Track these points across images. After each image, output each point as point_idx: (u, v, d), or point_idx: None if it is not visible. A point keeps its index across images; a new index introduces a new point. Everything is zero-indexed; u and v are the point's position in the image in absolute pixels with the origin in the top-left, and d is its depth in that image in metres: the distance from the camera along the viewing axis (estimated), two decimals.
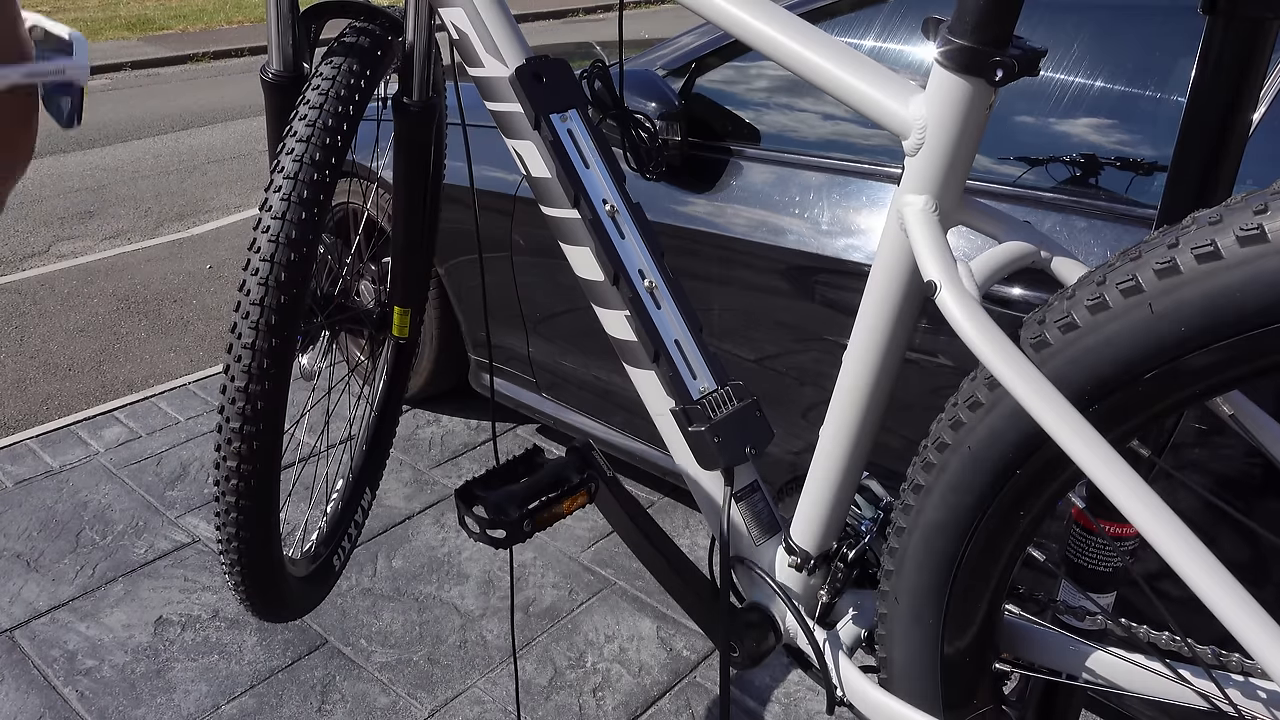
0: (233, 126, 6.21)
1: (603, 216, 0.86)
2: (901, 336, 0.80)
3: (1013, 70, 0.66)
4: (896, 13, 1.54)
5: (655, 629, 1.77)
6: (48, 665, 1.70)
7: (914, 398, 1.36)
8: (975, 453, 0.71)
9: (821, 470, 0.89)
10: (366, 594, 1.87)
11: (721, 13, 0.79)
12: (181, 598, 1.86)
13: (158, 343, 3.12)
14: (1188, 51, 1.28)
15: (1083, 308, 0.63)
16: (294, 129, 0.95)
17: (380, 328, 1.35)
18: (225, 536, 1.04)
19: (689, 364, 0.89)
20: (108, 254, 3.95)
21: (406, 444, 2.38)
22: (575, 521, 2.07)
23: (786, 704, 1.61)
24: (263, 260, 0.92)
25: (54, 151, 5.62)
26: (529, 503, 0.87)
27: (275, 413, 0.97)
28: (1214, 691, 0.74)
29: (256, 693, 1.64)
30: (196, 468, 2.29)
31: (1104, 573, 0.88)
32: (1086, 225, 1.29)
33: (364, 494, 1.37)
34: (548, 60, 0.88)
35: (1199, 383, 0.61)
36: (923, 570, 0.78)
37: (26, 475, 2.28)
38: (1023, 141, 1.40)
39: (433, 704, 1.61)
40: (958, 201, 0.74)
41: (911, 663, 0.84)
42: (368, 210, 2.13)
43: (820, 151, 1.59)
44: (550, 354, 2.08)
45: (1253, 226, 0.55)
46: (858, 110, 0.74)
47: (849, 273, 1.47)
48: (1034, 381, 0.63)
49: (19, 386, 2.84)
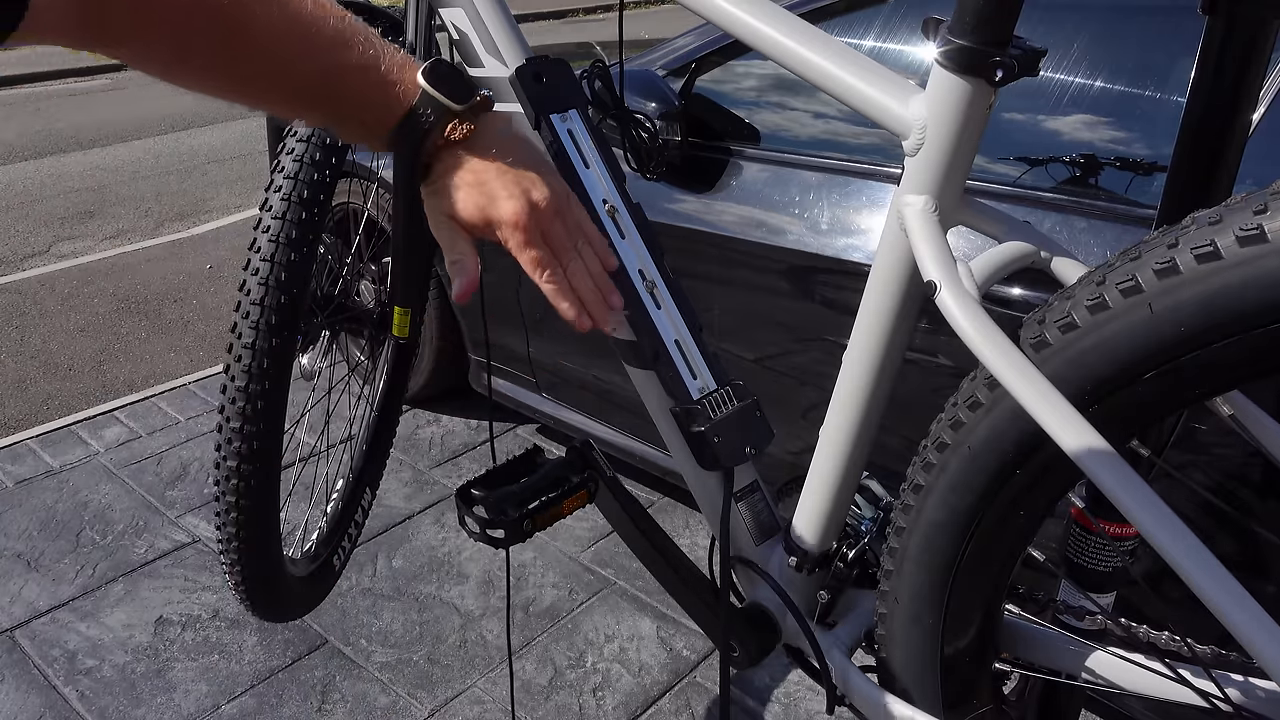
0: (233, 126, 6.21)
1: (603, 216, 0.86)
2: (901, 337, 0.80)
3: (1013, 70, 0.66)
4: (896, 13, 1.54)
5: (655, 629, 1.77)
6: (48, 665, 1.70)
7: (914, 398, 1.36)
8: (975, 453, 0.71)
9: (821, 470, 0.89)
10: (366, 594, 1.87)
11: (721, 13, 0.79)
12: (182, 597, 1.86)
13: (158, 343, 3.12)
14: (1188, 51, 1.28)
15: (1083, 308, 0.63)
16: (294, 129, 0.95)
17: (380, 328, 1.35)
18: (225, 536, 1.04)
19: (689, 364, 0.89)
20: (108, 254, 3.95)
21: (406, 444, 2.38)
22: (575, 521, 2.07)
23: (786, 704, 1.61)
24: (263, 260, 0.92)
25: (54, 151, 5.62)
26: (529, 502, 0.87)
27: (275, 413, 0.97)
28: (1214, 691, 0.74)
29: (256, 692, 1.64)
30: (196, 468, 2.29)
31: (1104, 573, 0.88)
32: (1086, 225, 1.29)
33: (364, 494, 1.37)
34: (548, 60, 0.88)
35: (1198, 383, 0.61)
36: (923, 570, 0.78)
37: (27, 475, 2.28)
38: (1023, 141, 1.40)
39: (433, 704, 1.61)
40: (958, 201, 0.74)
41: (911, 663, 0.84)
42: (368, 210, 2.13)
43: (820, 151, 1.59)
44: (550, 354, 2.07)
45: (1253, 226, 0.55)
46: (857, 110, 0.74)
47: (849, 273, 1.47)
48: (1034, 381, 0.63)
49: (19, 386, 2.84)
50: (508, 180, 0.67)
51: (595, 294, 0.72)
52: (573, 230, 0.72)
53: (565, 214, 0.71)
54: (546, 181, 0.69)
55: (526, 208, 0.67)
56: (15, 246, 4.05)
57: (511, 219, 0.67)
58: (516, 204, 0.67)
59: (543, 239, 0.69)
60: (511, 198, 0.67)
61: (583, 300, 0.71)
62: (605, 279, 0.74)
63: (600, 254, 0.74)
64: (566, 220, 0.71)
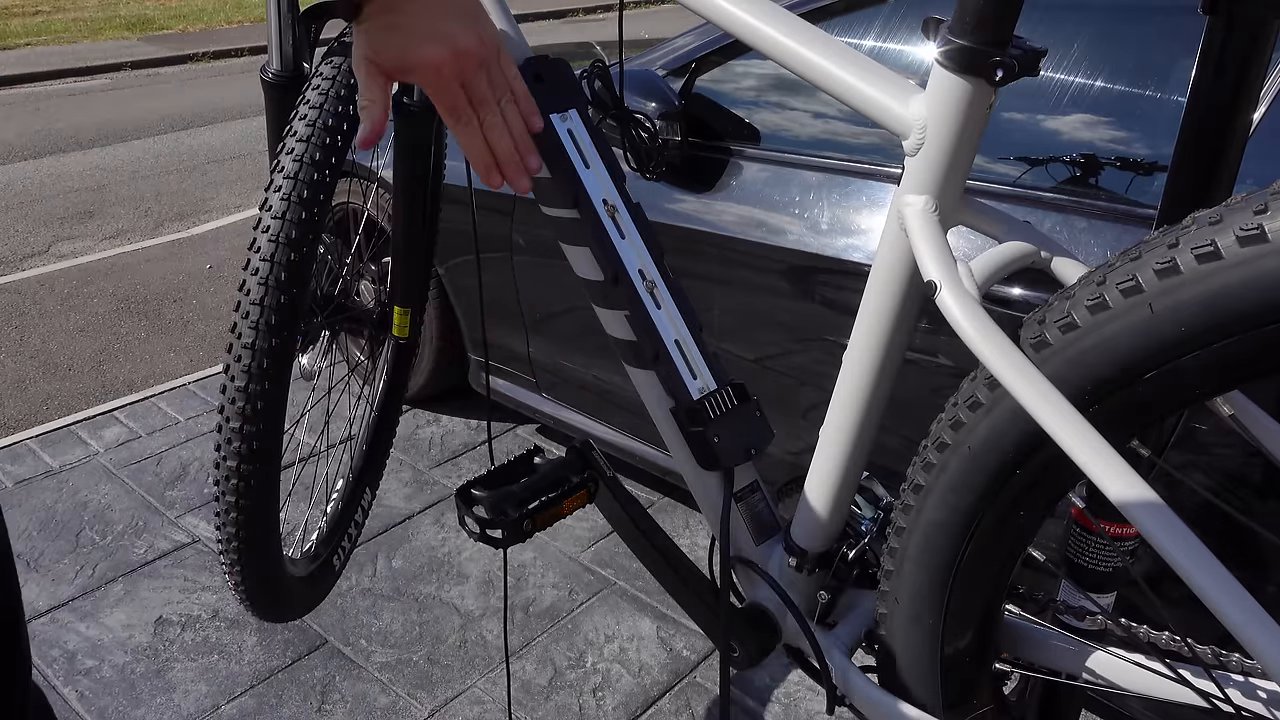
0: (233, 126, 6.21)
1: (603, 216, 0.86)
2: (901, 337, 0.80)
3: (1013, 70, 0.66)
4: (896, 13, 1.54)
5: (655, 629, 1.77)
6: (48, 665, 1.70)
7: (914, 398, 1.36)
8: (975, 453, 0.71)
9: (821, 470, 0.89)
10: (366, 594, 1.87)
11: (721, 13, 0.79)
12: (181, 598, 1.86)
13: (158, 343, 3.12)
14: (1188, 51, 1.28)
15: (1083, 308, 0.63)
16: (294, 129, 0.95)
17: (380, 328, 1.35)
18: (225, 536, 1.04)
19: (689, 364, 0.89)
20: (108, 254, 3.95)
21: (406, 444, 2.38)
22: (575, 521, 2.07)
23: (786, 704, 1.61)
24: (263, 260, 0.92)
25: (54, 151, 5.62)
26: (529, 503, 0.87)
27: (275, 413, 0.97)
28: (1214, 691, 0.74)
29: (256, 693, 1.64)
30: (196, 468, 2.29)
31: (1104, 573, 0.88)
32: (1086, 225, 1.29)
33: (364, 494, 1.37)
34: (548, 60, 0.88)
35: (1199, 383, 0.61)
36: (923, 570, 0.78)
37: (26, 475, 2.28)
38: (1023, 141, 1.40)
39: (433, 704, 1.61)
40: (958, 201, 0.74)
41: (911, 663, 0.84)
42: (368, 210, 2.13)
43: (820, 151, 1.59)
44: (550, 354, 2.07)
45: (1253, 226, 0.55)
46: (857, 110, 0.74)
47: (849, 273, 1.47)
48: (1034, 381, 0.63)
49: (19, 386, 2.84)
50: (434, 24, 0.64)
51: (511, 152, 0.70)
52: (497, 84, 0.69)
53: (489, 66, 0.68)
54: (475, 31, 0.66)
55: (449, 54, 0.64)
56: (15, 246, 4.05)
57: (430, 63, 0.64)
58: (438, 49, 0.64)
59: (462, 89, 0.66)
60: (433, 41, 0.64)
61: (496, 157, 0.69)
62: (526, 139, 0.71)
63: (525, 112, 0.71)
64: (490, 73, 0.68)
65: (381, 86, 0.66)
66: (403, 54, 0.64)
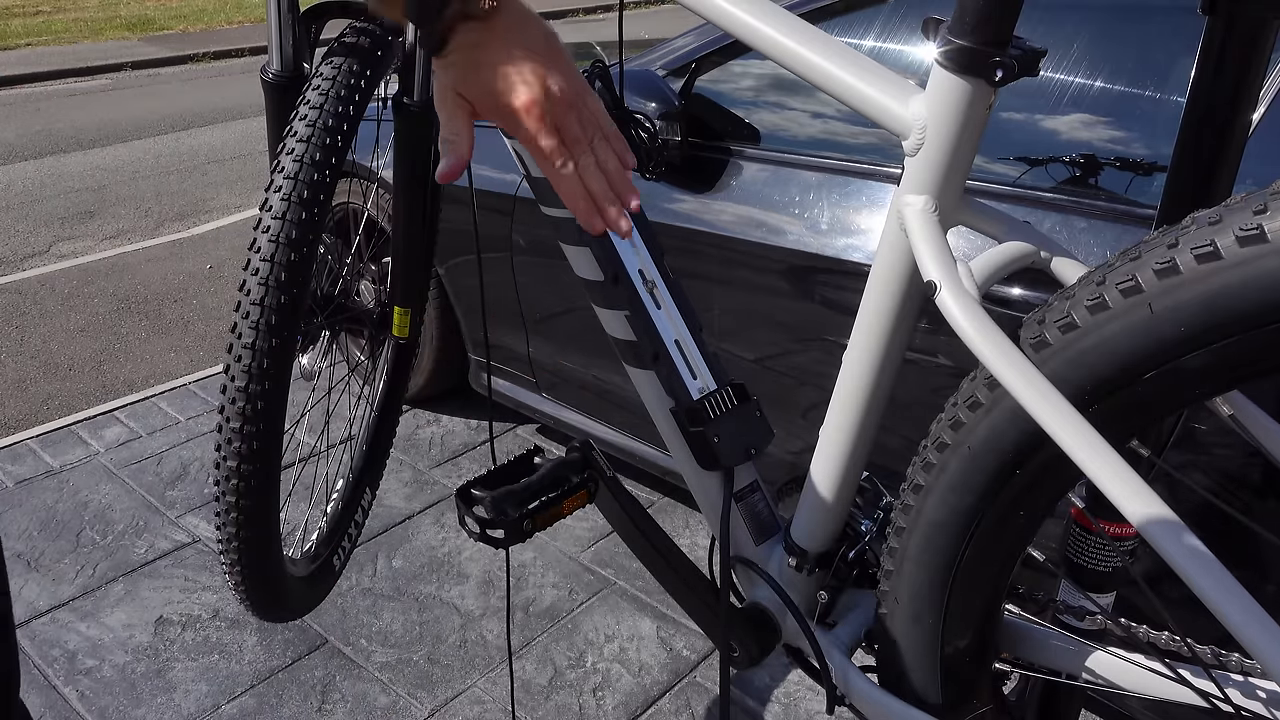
0: (233, 126, 6.21)
1: None
2: (901, 337, 0.80)
3: (1013, 70, 0.66)
4: (896, 13, 1.54)
5: (655, 629, 1.77)
6: (48, 665, 1.70)
7: (914, 398, 1.36)
8: (975, 453, 0.71)
9: (821, 470, 0.89)
10: (366, 594, 1.87)
11: (721, 13, 0.79)
12: (182, 598, 1.86)
13: (158, 343, 3.12)
14: (1188, 51, 1.28)
15: (1082, 308, 0.63)
16: (294, 129, 0.95)
17: (380, 328, 1.35)
18: (225, 536, 1.04)
19: (689, 364, 0.89)
20: (108, 254, 3.95)
21: (406, 444, 2.38)
22: (575, 521, 2.07)
23: (786, 704, 1.61)
24: (263, 260, 0.92)
25: (54, 151, 5.62)
26: (529, 502, 0.87)
27: (275, 413, 0.97)
28: (1214, 691, 0.74)
29: (257, 693, 1.64)
30: (196, 468, 2.29)
31: (1104, 573, 0.88)
32: (1086, 225, 1.29)
33: (364, 494, 1.37)
34: None
35: (1199, 383, 0.61)
36: (923, 570, 0.78)
37: (27, 475, 2.28)
38: (1023, 141, 1.40)
39: (433, 704, 1.61)
40: (958, 201, 0.74)
41: (911, 662, 0.84)
42: (368, 210, 2.13)
43: (820, 151, 1.59)
44: (550, 354, 2.08)
45: (1253, 226, 0.55)
46: (857, 110, 0.74)
47: (849, 273, 1.47)
48: (1034, 381, 0.63)
49: (19, 386, 2.84)
50: (524, 66, 0.64)
51: (609, 192, 0.68)
52: (588, 125, 0.68)
53: (580, 107, 0.67)
54: (564, 72, 0.66)
55: (542, 95, 0.64)
56: (15, 246, 4.05)
57: (525, 105, 0.64)
58: (531, 90, 0.64)
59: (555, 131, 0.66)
60: (526, 84, 0.64)
61: (595, 199, 0.68)
62: (623, 178, 0.69)
63: (619, 151, 0.70)
64: (581, 114, 0.67)
65: (466, 122, 0.66)
66: (491, 94, 0.64)
